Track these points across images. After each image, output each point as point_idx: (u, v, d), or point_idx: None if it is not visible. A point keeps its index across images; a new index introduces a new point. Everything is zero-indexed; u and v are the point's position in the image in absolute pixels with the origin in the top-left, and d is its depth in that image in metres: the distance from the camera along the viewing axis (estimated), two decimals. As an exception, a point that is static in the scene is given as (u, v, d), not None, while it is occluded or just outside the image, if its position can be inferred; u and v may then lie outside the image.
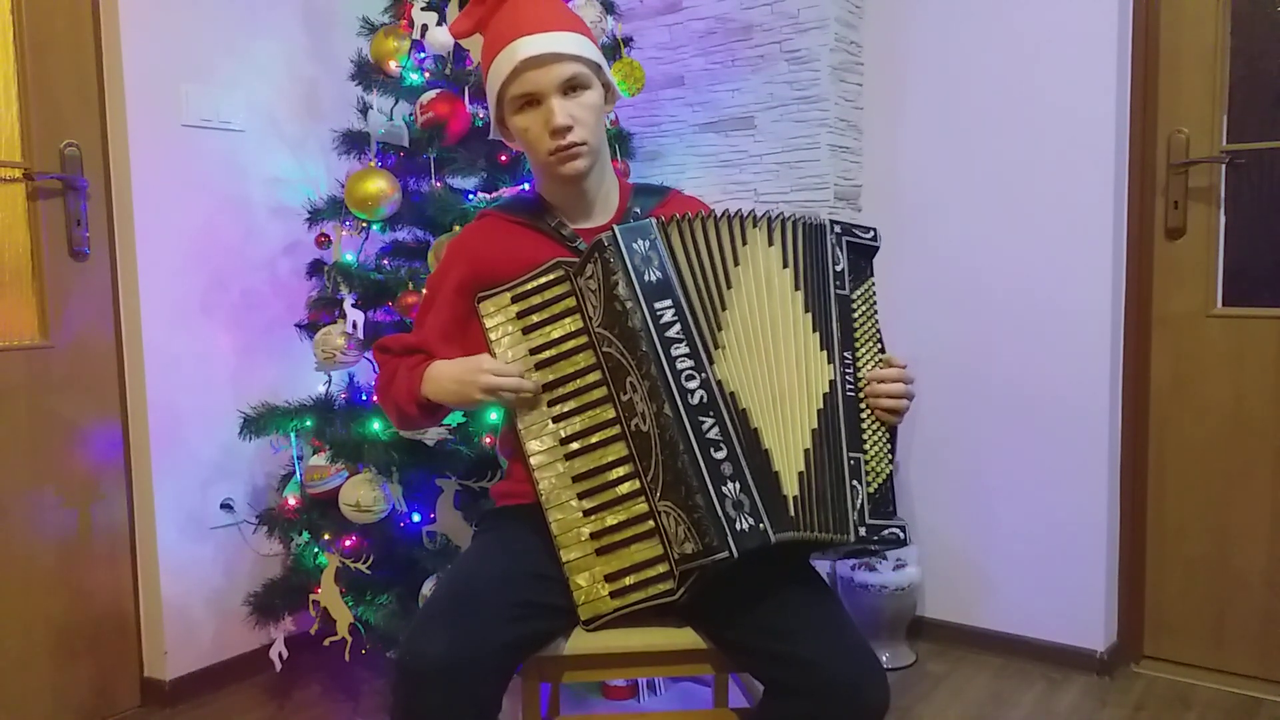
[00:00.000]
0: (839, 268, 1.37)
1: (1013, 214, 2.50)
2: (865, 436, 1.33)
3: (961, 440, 2.62)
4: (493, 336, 1.37)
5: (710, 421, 1.24)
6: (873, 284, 1.41)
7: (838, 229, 1.39)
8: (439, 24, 2.24)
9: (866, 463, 1.31)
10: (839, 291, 1.36)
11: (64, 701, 2.26)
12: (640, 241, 1.29)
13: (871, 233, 1.43)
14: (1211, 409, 2.39)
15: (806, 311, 1.33)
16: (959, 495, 2.63)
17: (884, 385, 1.34)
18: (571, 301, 1.35)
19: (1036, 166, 2.45)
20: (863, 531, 1.27)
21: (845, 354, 1.34)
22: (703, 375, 1.26)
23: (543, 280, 1.37)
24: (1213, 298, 2.38)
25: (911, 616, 2.60)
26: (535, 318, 1.36)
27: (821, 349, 1.32)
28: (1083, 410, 2.43)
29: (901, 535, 1.31)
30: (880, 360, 1.38)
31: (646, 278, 1.28)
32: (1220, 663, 2.40)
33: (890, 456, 1.35)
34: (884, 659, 2.50)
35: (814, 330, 1.33)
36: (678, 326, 1.27)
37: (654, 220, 1.32)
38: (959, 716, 2.27)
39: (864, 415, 1.34)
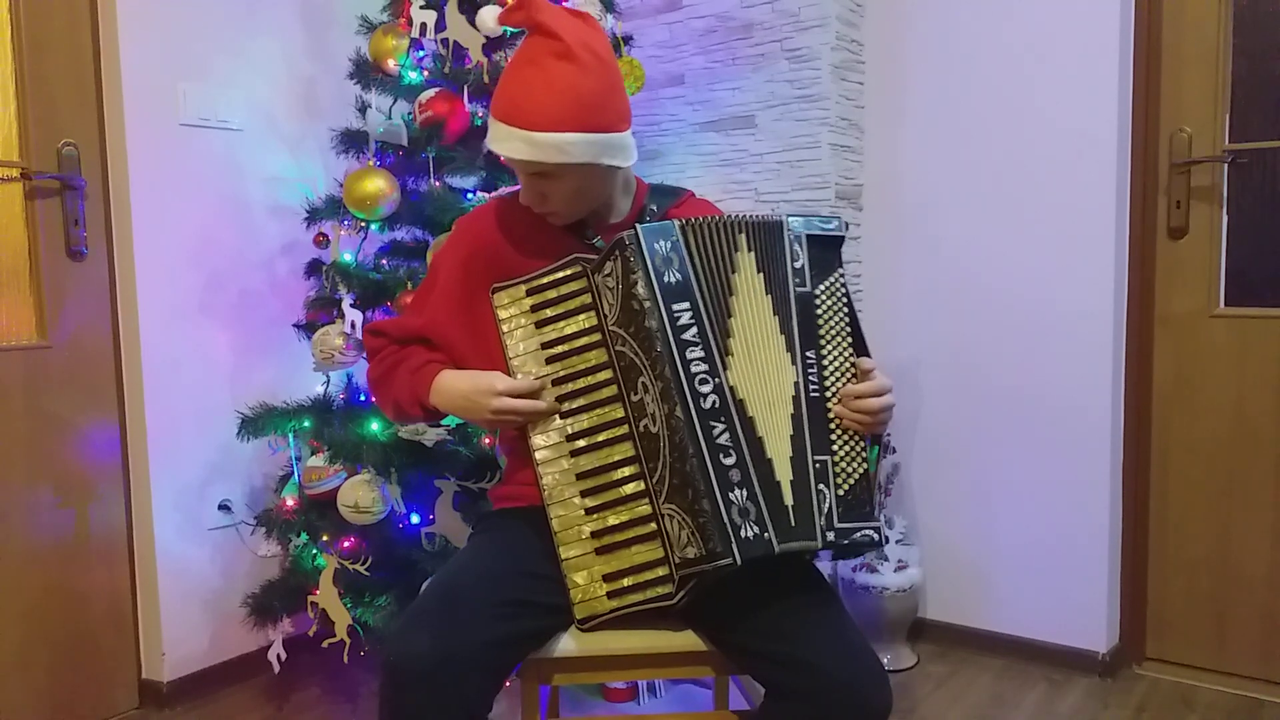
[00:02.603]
0: (798, 264, 1.34)
1: (1014, 213, 2.49)
2: (833, 438, 1.30)
3: (962, 441, 2.61)
4: (505, 329, 1.36)
5: (721, 427, 1.23)
6: (841, 275, 1.36)
7: (794, 223, 1.34)
8: (439, 23, 2.23)
9: (835, 464, 1.29)
10: (799, 289, 1.33)
11: (61, 703, 2.25)
12: (662, 242, 1.28)
13: (835, 222, 1.38)
14: (1213, 409, 2.38)
15: (774, 314, 1.31)
16: (960, 496, 2.62)
17: (859, 402, 1.30)
18: (587, 298, 1.33)
19: (1038, 166, 2.44)
20: (830, 536, 1.25)
21: (808, 354, 1.31)
22: (716, 380, 1.25)
23: (559, 275, 1.35)
24: (1215, 298, 2.37)
25: (913, 618, 2.59)
26: (549, 312, 1.35)
27: (786, 351, 1.30)
28: (1084, 411, 2.42)
29: (875, 537, 1.28)
30: (852, 364, 1.33)
31: (666, 279, 1.27)
32: (1222, 664, 2.40)
33: (863, 455, 1.31)
34: (885, 661, 2.49)
35: (780, 332, 1.31)
36: (694, 329, 1.26)
37: (676, 221, 1.30)
38: (961, 718, 2.26)
39: (831, 416, 1.31)
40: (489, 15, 2.14)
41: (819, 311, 1.33)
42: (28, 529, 2.19)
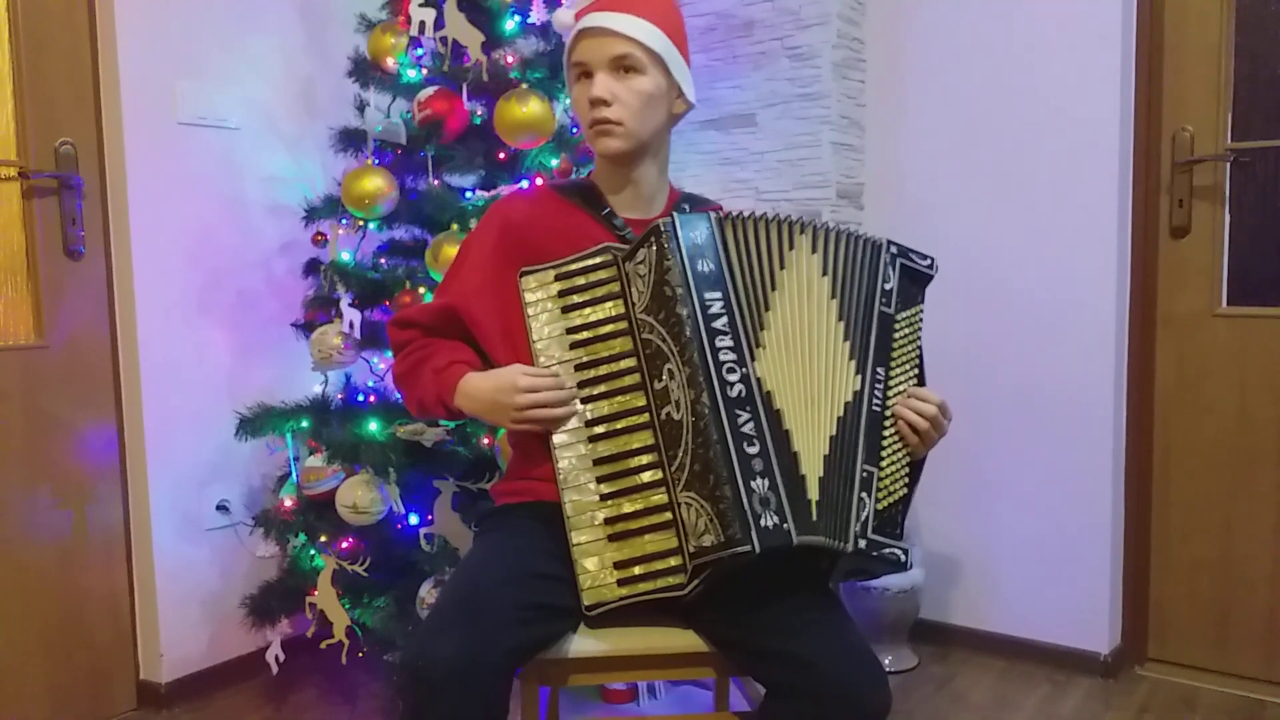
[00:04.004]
0: (888, 286, 1.37)
1: (1016, 212, 2.48)
2: (884, 454, 1.32)
3: (965, 440, 2.59)
4: (531, 312, 1.37)
5: (746, 416, 1.23)
6: (920, 311, 1.41)
7: (894, 249, 1.39)
8: (437, 21, 2.22)
9: (880, 479, 1.30)
10: (883, 309, 1.36)
11: (59, 704, 2.24)
12: (697, 232, 1.30)
13: (929, 261, 1.43)
14: (1216, 409, 2.37)
15: (839, 320, 1.32)
16: (962, 496, 2.61)
17: (914, 403, 1.34)
18: (615, 287, 1.35)
19: (1040, 164, 2.44)
20: (862, 544, 1.25)
21: (878, 369, 1.33)
22: (743, 370, 1.25)
23: (589, 262, 1.37)
24: (1217, 297, 2.36)
25: (914, 619, 2.58)
26: (576, 298, 1.36)
27: (850, 359, 1.32)
28: (1087, 410, 2.41)
29: (902, 558, 1.29)
30: (914, 385, 1.38)
31: (700, 268, 1.28)
32: (1224, 665, 2.39)
33: (906, 480, 1.33)
34: (886, 662, 2.48)
35: (845, 339, 1.32)
36: (724, 319, 1.27)
37: (711, 214, 1.32)
38: None
39: (887, 433, 1.32)
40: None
41: (896, 335, 1.37)
42: (25, 530, 2.18)
